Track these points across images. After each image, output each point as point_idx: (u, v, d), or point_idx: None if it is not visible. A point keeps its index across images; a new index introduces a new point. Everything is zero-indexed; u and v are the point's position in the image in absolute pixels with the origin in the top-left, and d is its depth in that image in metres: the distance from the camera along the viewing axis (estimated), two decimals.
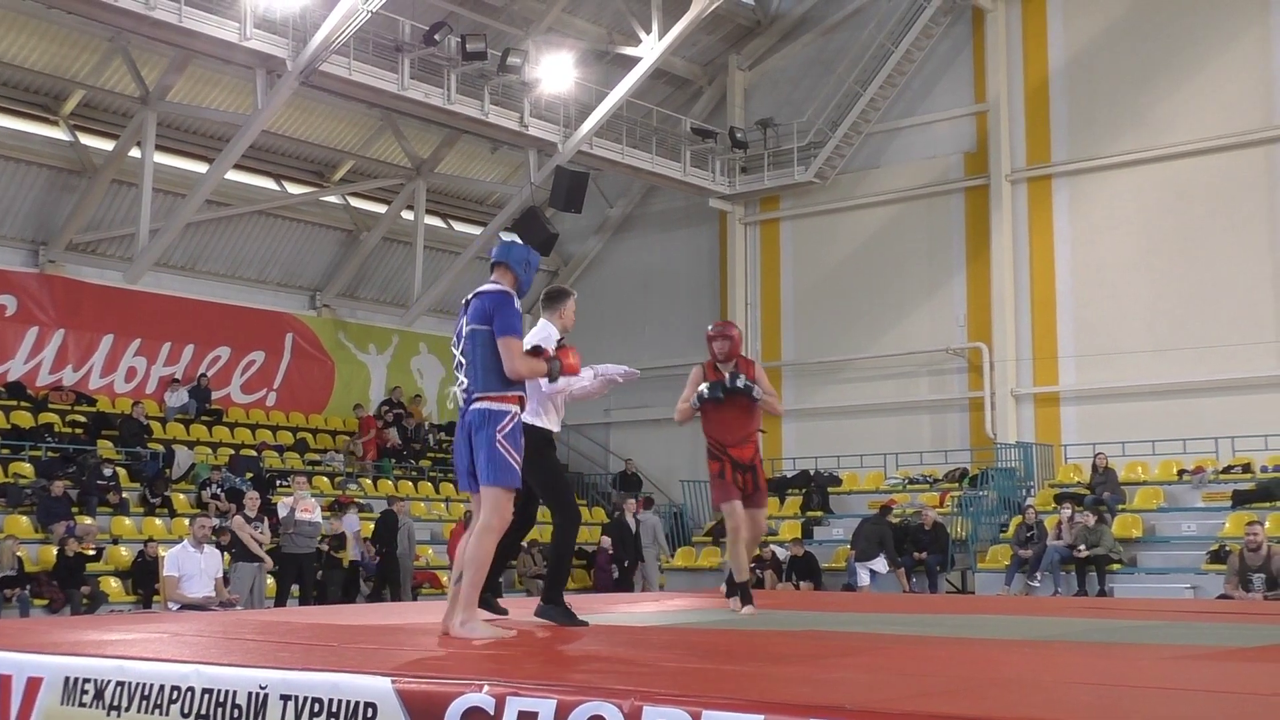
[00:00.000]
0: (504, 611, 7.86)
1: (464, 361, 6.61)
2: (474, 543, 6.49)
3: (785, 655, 5.95)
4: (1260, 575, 15.24)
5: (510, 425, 6.48)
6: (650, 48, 24.03)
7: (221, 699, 4.97)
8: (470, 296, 6.72)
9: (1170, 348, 21.98)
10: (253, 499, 17.21)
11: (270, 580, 17.01)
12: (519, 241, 7.16)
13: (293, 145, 25.59)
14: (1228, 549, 17.09)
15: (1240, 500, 19.35)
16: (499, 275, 6.76)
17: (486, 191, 28.80)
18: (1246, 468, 20.33)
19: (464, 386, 6.62)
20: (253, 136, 21.13)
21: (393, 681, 4.61)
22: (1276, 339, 21.21)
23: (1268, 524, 17.53)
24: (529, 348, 6.76)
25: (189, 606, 13.48)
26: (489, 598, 7.81)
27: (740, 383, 8.58)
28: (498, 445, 6.44)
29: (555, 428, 7.84)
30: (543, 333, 7.57)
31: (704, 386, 8.65)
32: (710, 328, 8.81)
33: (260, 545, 16.28)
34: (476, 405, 6.51)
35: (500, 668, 5.11)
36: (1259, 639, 6.79)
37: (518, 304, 6.65)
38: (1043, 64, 23.92)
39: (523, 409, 6.65)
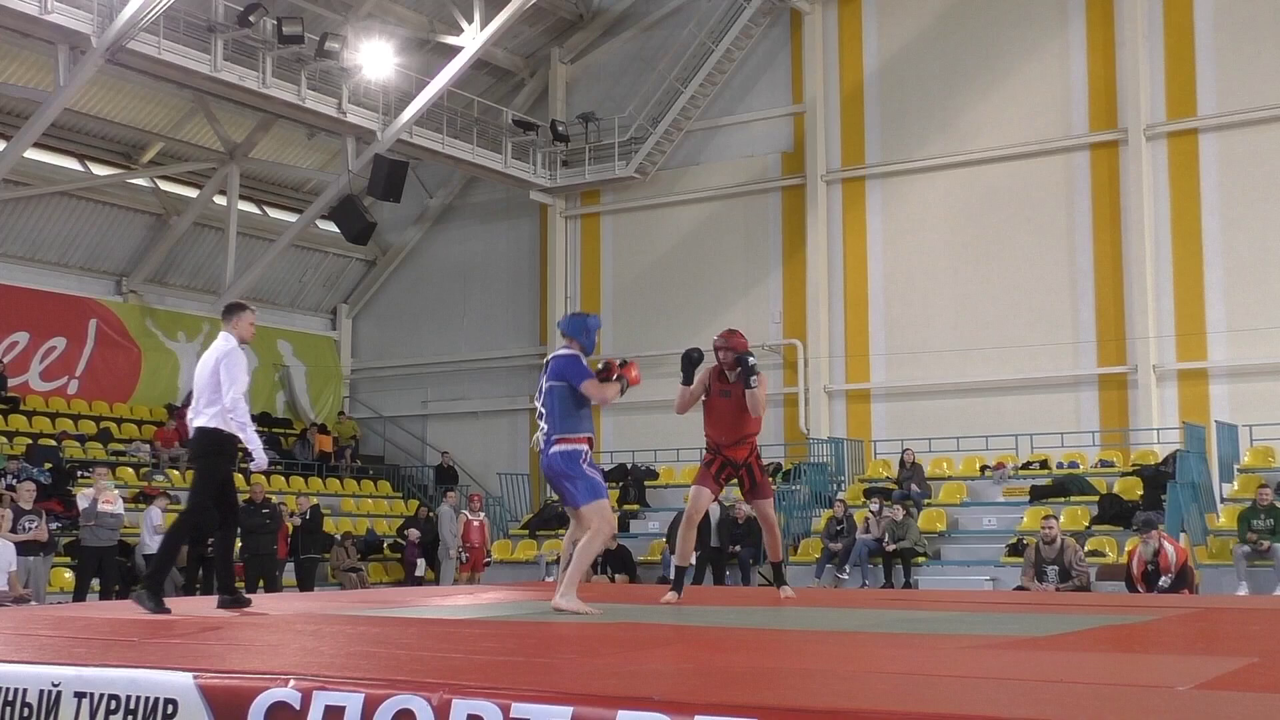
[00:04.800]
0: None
1: (544, 411, 8.19)
2: (584, 544, 8.03)
3: (596, 647, 5.98)
4: (1054, 567, 15.85)
5: (587, 456, 8.15)
6: (472, 38, 23.84)
7: (10, 698, 4.75)
8: (549, 358, 8.36)
9: (975, 347, 22.73)
10: (27, 490, 16.54)
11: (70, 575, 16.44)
12: (578, 313, 8.67)
13: (98, 125, 24.68)
14: (1025, 542, 17.70)
15: (1037, 495, 20.07)
16: (568, 343, 8.35)
17: (302, 178, 28.22)
18: (1044, 464, 21.14)
19: (545, 432, 8.16)
20: (54, 115, 20.33)
21: (195, 677, 4.48)
22: (1073, 340, 22.11)
23: (1062, 518, 18.28)
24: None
25: None
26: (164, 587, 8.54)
27: (751, 379, 9.30)
28: (585, 473, 8.07)
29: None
30: (225, 346, 8.34)
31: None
32: (716, 338, 9.64)
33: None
34: (556, 448, 8.08)
35: (307, 661, 5.02)
36: (1050, 628, 7.07)
37: (584, 360, 8.28)
38: (858, 68, 24.46)
39: (591, 447, 8.21)
